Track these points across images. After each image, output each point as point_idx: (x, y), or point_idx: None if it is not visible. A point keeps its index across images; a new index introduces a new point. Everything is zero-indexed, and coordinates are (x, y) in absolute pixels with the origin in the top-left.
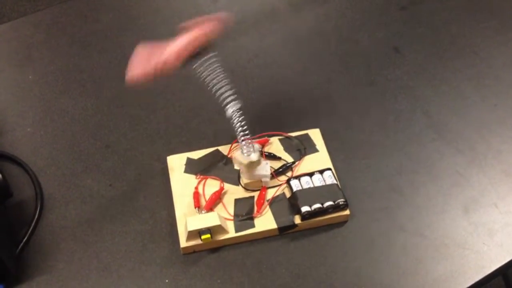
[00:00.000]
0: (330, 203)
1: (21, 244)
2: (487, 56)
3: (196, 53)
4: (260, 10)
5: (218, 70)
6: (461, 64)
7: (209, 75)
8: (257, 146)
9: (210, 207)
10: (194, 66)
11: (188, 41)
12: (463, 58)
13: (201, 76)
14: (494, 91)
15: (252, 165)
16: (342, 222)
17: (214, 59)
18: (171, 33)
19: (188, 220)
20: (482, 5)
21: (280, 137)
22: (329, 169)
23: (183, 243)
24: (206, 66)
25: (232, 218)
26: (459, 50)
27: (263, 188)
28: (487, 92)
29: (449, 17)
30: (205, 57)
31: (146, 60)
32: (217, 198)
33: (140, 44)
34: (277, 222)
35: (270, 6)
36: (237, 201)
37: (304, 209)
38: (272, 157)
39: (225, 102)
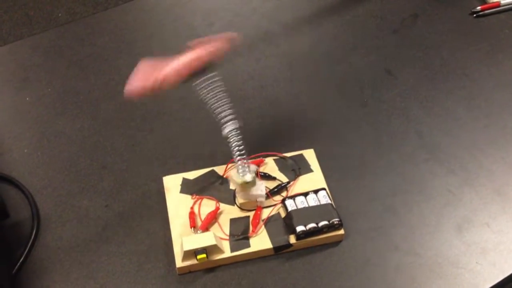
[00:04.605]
0: (324, 222)
1: (18, 264)
2: (478, 78)
3: (198, 72)
4: (255, 33)
5: (218, 90)
6: (452, 86)
7: (209, 94)
8: (253, 167)
9: (206, 227)
10: (194, 84)
11: (190, 59)
12: (454, 80)
13: (201, 94)
14: (485, 112)
15: (246, 185)
16: (336, 242)
17: (215, 79)
18: (167, 56)
19: (184, 240)
20: (472, 28)
21: (275, 158)
22: (324, 189)
23: (179, 263)
24: (206, 85)
25: (227, 238)
26: (450, 72)
27: (259, 208)
28: (478, 113)
29: (440, 40)
30: (206, 76)
31: (147, 74)
32: (213, 218)
33: (143, 58)
34: (272, 242)
35: (264, 29)
36: (232, 221)
37: (299, 228)
38: (267, 177)
39: (222, 121)
